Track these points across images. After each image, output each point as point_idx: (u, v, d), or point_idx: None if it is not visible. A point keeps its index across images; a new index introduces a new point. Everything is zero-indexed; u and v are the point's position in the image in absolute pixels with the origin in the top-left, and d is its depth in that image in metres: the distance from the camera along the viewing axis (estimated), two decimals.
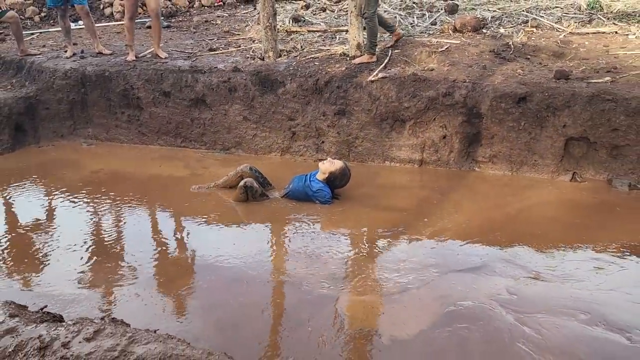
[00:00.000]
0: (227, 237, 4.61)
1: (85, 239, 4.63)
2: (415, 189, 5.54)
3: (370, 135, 6.24)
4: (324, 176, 5.23)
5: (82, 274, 4.04)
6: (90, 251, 4.41)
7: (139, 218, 5.06)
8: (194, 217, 4.99)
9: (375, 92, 6.09)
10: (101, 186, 5.77)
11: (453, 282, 3.80)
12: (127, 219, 5.01)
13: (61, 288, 3.84)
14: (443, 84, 5.91)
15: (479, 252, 4.20)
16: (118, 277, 4.00)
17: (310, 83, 6.34)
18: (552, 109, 5.55)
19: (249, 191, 5.02)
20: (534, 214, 4.87)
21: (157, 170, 6.19)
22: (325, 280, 3.86)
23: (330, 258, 4.20)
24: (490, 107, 5.70)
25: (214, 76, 6.68)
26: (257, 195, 5.06)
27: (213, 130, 6.82)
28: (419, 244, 4.40)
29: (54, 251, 4.43)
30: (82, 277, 4.00)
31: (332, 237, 4.56)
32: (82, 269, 4.11)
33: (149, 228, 4.87)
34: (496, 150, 5.85)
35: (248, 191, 5.02)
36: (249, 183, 5.01)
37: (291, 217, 4.90)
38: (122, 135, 7.23)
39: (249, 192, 5.02)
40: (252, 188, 5.02)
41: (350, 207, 5.10)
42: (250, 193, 5.02)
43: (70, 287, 3.86)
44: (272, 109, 6.51)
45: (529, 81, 5.77)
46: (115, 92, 7.05)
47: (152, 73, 6.90)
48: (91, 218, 5.03)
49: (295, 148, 6.59)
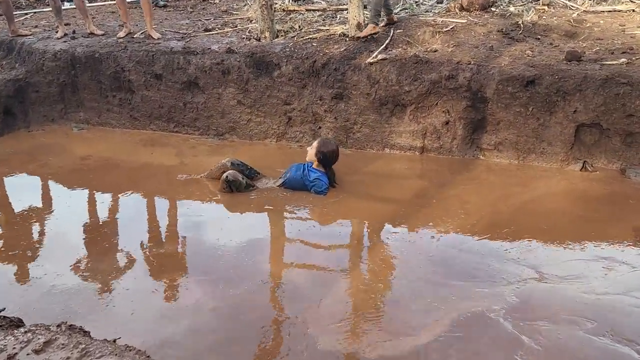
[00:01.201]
0: (210, 232, 4.31)
1: (64, 231, 4.38)
2: (415, 179, 5.21)
3: (369, 120, 5.90)
4: (316, 161, 4.94)
5: (54, 271, 3.78)
6: (66, 245, 4.16)
7: (121, 209, 4.77)
8: (178, 210, 4.71)
9: (375, 74, 5.74)
10: (88, 174, 5.50)
11: (453, 285, 3.47)
12: (109, 211, 4.72)
13: (28, 287, 3.60)
14: (446, 66, 5.53)
15: (483, 250, 3.86)
16: (93, 274, 3.74)
17: (307, 65, 5.99)
18: (562, 93, 5.17)
19: (232, 185, 4.75)
20: (541, 206, 4.53)
21: (148, 158, 5.91)
22: (309, 284, 3.57)
23: (316, 257, 3.89)
24: (496, 91, 5.33)
25: (206, 58, 6.35)
26: (242, 188, 4.78)
27: (206, 114, 6.52)
28: (417, 240, 4.06)
29: (25, 246, 4.17)
30: (52, 273, 3.74)
31: (321, 233, 4.24)
32: (55, 266, 3.86)
33: (131, 221, 4.56)
34: (502, 137, 5.49)
35: (231, 185, 4.75)
36: (230, 177, 4.73)
37: (278, 210, 4.60)
38: (114, 119, 6.95)
39: (232, 185, 4.75)
40: (235, 182, 4.75)
41: (345, 198, 4.78)
42: (233, 187, 4.75)
43: (39, 285, 3.61)
44: (267, 93, 6.19)
45: (538, 63, 5.38)
46: (106, 75, 6.75)
47: (143, 55, 6.58)
48: (72, 209, 4.77)
49: (292, 134, 6.27)
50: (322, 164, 4.94)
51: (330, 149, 4.98)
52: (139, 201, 4.91)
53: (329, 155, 4.95)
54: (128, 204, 4.87)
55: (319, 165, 4.95)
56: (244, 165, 5.06)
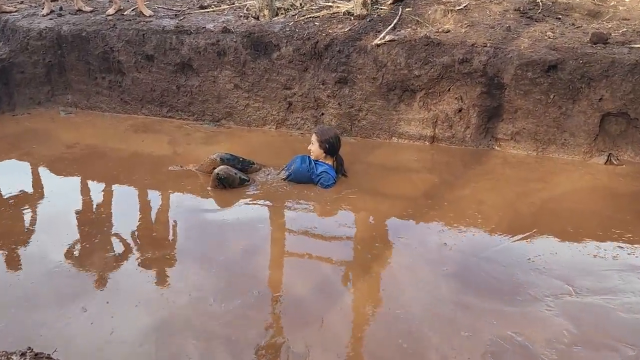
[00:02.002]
0: (200, 237, 3.86)
1: (43, 227, 3.95)
2: (425, 173, 4.74)
3: (375, 107, 5.42)
4: (323, 154, 4.51)
5: (21, 284, 3.36)
6: (45, 241, 3.73)
7: (104, 207, 4.28)
8: (165, 209, 4.24)
9: (382, 57, 5.24)
10: (73, 164, 5.05)
11: (475, 305, 3.00)
12: (90, 209, 4.27)
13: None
14: (460, 48, 5.04)
15: (504, 259, 3.40)
16: (68, 285, 3.32)
17: (309, 46, 5.49)
18: (587, 80, 4.69)
19: (224, 182, 4.31)
20: (565, 205, 4.09)
21: (138, 146, 5.44)
22: (309, 298, 3.14)
23: (316, 266, 3.45)
24: (514, 77, 4.85)
25: (201, 38, 5.85)
26: (235, 184, 4.33)
27: (201, 99, 6.03)
28: (430, 249, 3.58)
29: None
30: (20, 287, 3.32)
31: (322, 237, 3.77)
32: (24, 278, 3.44)
33: (112, 221, 4.08)
34: (519, 126, 5.02)
35: (223, 182, 4.31)
36: (222, 174, 4.28)
37: (274, 209, 4.12)
38: (104, 103, 6.47)
39: (224, 182, 4.31)
40: (227, 179, 4.30)
41: (348, 194, 4.33)
42: (226, 183, 4.31)
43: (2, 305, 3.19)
44: (266, 76, 5.70)
45: (560, 46, 4.89)
46: (94, 55, 6.25)
47: (133, 34, 6.08)
48: (52, 205, 4.32)
49: (292, 120, 5.79)
50: (330, 154, 4.51)
51: (332, 134, 4.55)
52: (123, 198, 4.41)
53: (334, 141, 4.52)
54: (111, 201, 4.39)
55: (326, 158, 4.52)
56: (235, 158, 4.61)
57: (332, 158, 4.54)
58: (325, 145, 4.47)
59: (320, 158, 4.52)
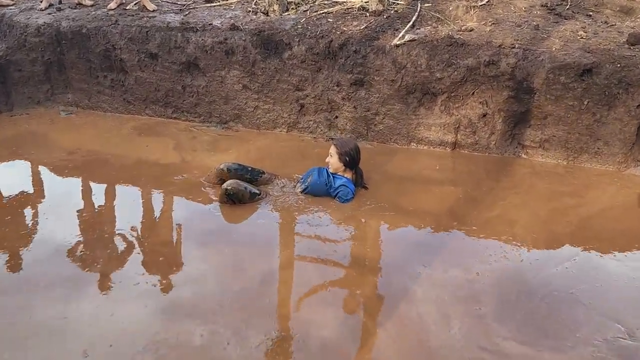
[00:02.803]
0: (205, 261, 3.48)
1: (42, 244, 3.62)
2: (447, 185, 4.35)
3: (393, 111, 5.05)
4: (342, 167, 4.16)
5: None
6: (42, 258, 3.41)
7: (103, 220, 3.94)
8: (169, 228, 3.88)
9: (401, 58, 4.85)
10: (74, 173, 4.70)
11: (520, 354, 2.66)
12: (90, 223, 3.92)
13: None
14: (486, 49, 4.65)
15: (544, 293, 3.02)
16: (54, 304, 3.00)
17: (322, 45, 5.10)
18: (625, 85, 4.31)
19: (233, 198, 3.96)
20: (605, 226, 3.74)
21: (142, 152, 5.08)
22: (330, 338, 2.80)
23: (334, 299, 3.10)
24: (545, 81, 4.47)
25: (207, 35, 5.46)
26: (245, 199, 3.98)
27: (208, 100, 5.66)
28: (460, 282, 3.17)
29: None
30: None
31: (338, 264, 3.41)
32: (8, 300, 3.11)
33: (115, 236, 3.75)
34: (549, 133, 4.66)
35: (232, 198, 3.96)
36: (230, 189, 3.92)
37: (287, 229, 3.76)
38: (106, 102, 6.11)
39: (234, 198, 3.96)
40: (236, 194, 3.95)
41: (367, 210, 3.98)
42: (235, 199, 3.97)
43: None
44: (277, 77, 5.32)
45: (595, 48, 4.50)
46: (95, 53, 5.87)
47: (136, 31, 5.68)
48: (48, 220, 3.97)
49: (304, 124, 5.43)
50: (350, 167, 4.16)
51: (351, 147, 4.18)
52: (126, 213, 4.03)
53: (354, 153, 4.16)
54: (114, 216, 4.05)
55: (345, 171, 4.17)
56: (244, 168, 4.25)
57: (352, 171, 4.19)
58: (345, 158, 4.11)
59: (339, 171, 4.16)
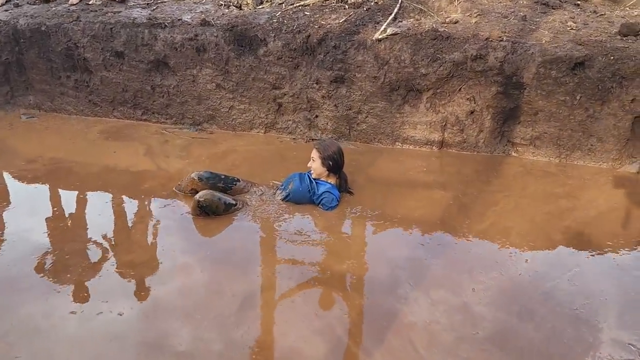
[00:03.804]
0: (181, 277, 3.19)
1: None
2: (437, 189, 4.04)
3: (376, 109, 4.74)
4: (326, 172, 3.85)
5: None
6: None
7: (63, 239, 3.54)
8: (136, 247, 3.52)
9: (384, 53, 4.54)
10: (33, 184, 4.29)
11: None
12: (53, 238, 3.54)
13: None
14: (472, 43, 4.36)
15: (547, 312, 2.72)
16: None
17: (299, 41, 4.76)
18: (618, 78, 4.07)
19: (207, 210, 3.62)
20: (604, 230, 3.48)
21: (109, 158, 4.68)
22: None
23: (321, 325, 2.79)
24: (536, 76, 4.20)
25: (177, 32, 5.07)
26: (220, 211, 3.64)
27: (180, 100, 5.28)
28: (451, 299, 2.89)
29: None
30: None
31: (323, 281, 3.07)
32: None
33: (77, 254, 3.41)
34: (540, 130, 4.40)
35: (206, 210, 3.61)
36: (203, 201, 3.57)
37: (267, 245, 3.41)
38: (70, 105, 5.68)
39: (207, 211, 3.62)
40: (210, 206, 3.60)
41: (353, 218, 3.68)
42: (209, 211, 3.62)
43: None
44: (252, 75, 4.96)
45: (586, 39, 4.24)
46: (57, 52, 5.44)
47: (99, 27, 5.26)
48: (9, 237, 3.59)
49: (283, 124, 5.09)
50: (333, 172, 3.85)
51: (335, 150, 3.86)
52: (90, 227, 3.66)
53: (338, 157, 3.84)
54: (75, 231, 3.66)
55: (329, 176, 3.86)
56: (216, 176, 3.90)
57: (336, 176, 3.88)
58: (329, 162, 3.79)
59: (323, 176, 3.85)
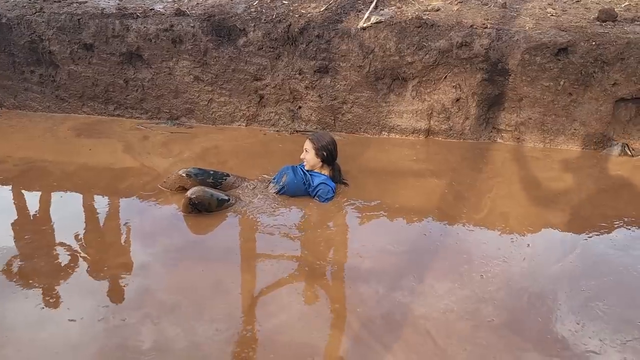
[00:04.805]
0: (173, 286, 3.03)
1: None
2: (428, 176, 4.01)
3: (362, 99, 4.67)
4: (320, 163, 3.75)
5: None
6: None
7: (47, 247, 3.29)
8: (128, 244, 3.33)
9: (369, 42, 4.46)
10: (5, 186, 4.03)
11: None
12: (32, 242, 3.29)
13: None
14: (457, 30, 4.33)
15: (554, 293, 2.75)
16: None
17: (280, 30, 4.61)
18: (600, 63, 4.13)
19: (199, 207, 3.46)
20: (595, 211, 3.52)
21: (87, 157, 4.40)
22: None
23: (329, 323, 2.71)
24: (521, 62, 4.21)
25: (150, 22, 4.82)
26: (212, 208, 3.48)
27: (155, 94, 5.04)
28: (462, 288, 2.85)
29: None
30: None
31: (321, 278, 2.98)
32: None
33: (58, 258, 3.18)
34: (524, 116, 4.43)
35: (198, 208, 3.46)
36: (195, 199, 3.40)
37: (269, 240, 3.28)
38: (35, 101, 5.34)
39: (199, 208, 3.46)
40: (203, 203, 3.44)
41: (351, 210, 3.60)
42: (201, 208, 3.46)
43: None
44: (232, 66, 4.78)
45: (568, 25, 4.28)
46: (19, 45, 5.08)
47: (65, 19, 4.95)
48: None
49: (265, 116, 4.94)
50: (328, 163, 3.76)
51: (328, 140, 3.77)
52: (74, 229, 3.41)
53: (332, 147, 3.76)
54: (57, 233, 3.42)
55: (322, 167, 3.76)
56: (205, 172, 3.74)
57: (330, 167, 3.78)
58: (323, 153, 3.69)
59: (316, 168, 3.75)
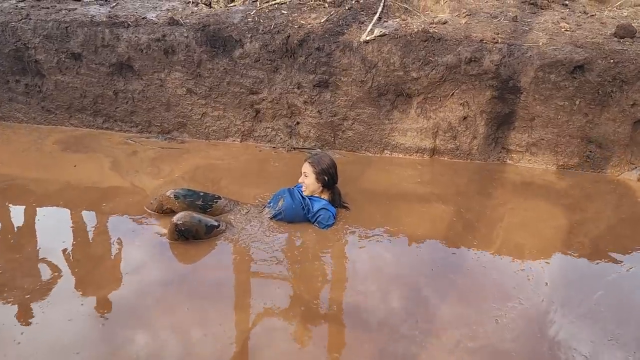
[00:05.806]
0: (148, 333, 2.74)
1: None
2: (434, 201, 3.71)
3: (363, 115, 4.38)
4: (320, 188, 3.45)
5: None
6: None
7: (25, 270, 3.03)
8: (110, 276, 3.05)
9: (371, 56, 4.17)
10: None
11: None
12: (6, 267, 3.03)
13: None
14: (466, 45, 4.05)
15: (578, 343, 2.48)
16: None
17: (279, 42, 4.33)
18: (618, 82, 3.85)
19: (187, 235, 3.15)
20: (617, 245, 3.23)
21: (71, 174, 4.10)
22: None
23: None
24: (534, 80, 3.93)
25: (142, 32, 4.54)
26: (201, 234, 3.18)
27: (146, 107, 4.75)
28: (473, 334, 2.57)
29: None
30: None
31: (322, 319, 2.69)
32: None
33: (30, 292, 2.89)
34: (537, 136, 4.15)
35: (185, 235, 3.15)
36: (182, 225, 3.09)
37: (263, 275, 2.99)
38: (20, 112, 5.04)
39: (187, 235, 3.15)
40: (190, 230, 3.13)
41: (352, 239, 3.29)
42: (189, 235, 3.16)
43: None
44: (227, 79, 4.50)
45: (583, 41, 4.01)
46: (4, 53, 4.79)
47: (53, 26, 4.66)
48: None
49: (261, 131, 4.65)
50: (328, 187, 3.46)
51: (329, 163, 3.47)
52: (50, 254, 3.12)
53: (333, 170, 3.47)
54: (32, 259, 3.13)
55: (322, 192, 3.47)
56: (194, 193, 3.44)
57: (330, 191, 3.49)
58: (324, 177, 3.39)
59: (316, 193, 3.46)
